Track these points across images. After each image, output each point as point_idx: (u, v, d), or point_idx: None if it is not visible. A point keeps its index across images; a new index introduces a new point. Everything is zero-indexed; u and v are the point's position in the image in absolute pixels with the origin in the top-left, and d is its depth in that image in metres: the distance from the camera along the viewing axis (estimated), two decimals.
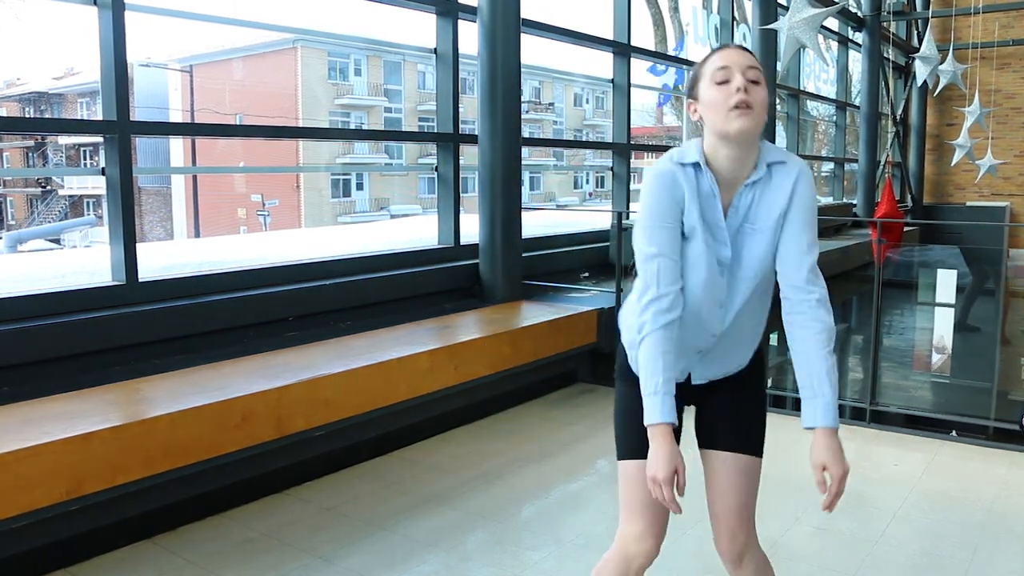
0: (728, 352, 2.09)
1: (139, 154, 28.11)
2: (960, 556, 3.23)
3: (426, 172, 30.30)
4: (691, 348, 2.05)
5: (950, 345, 9.72)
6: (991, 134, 14.82)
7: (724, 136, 1.91)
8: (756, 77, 1.91)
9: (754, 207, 1.95)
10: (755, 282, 1.98)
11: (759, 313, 2.07)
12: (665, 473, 1.91)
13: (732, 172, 1.94)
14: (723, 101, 1.89)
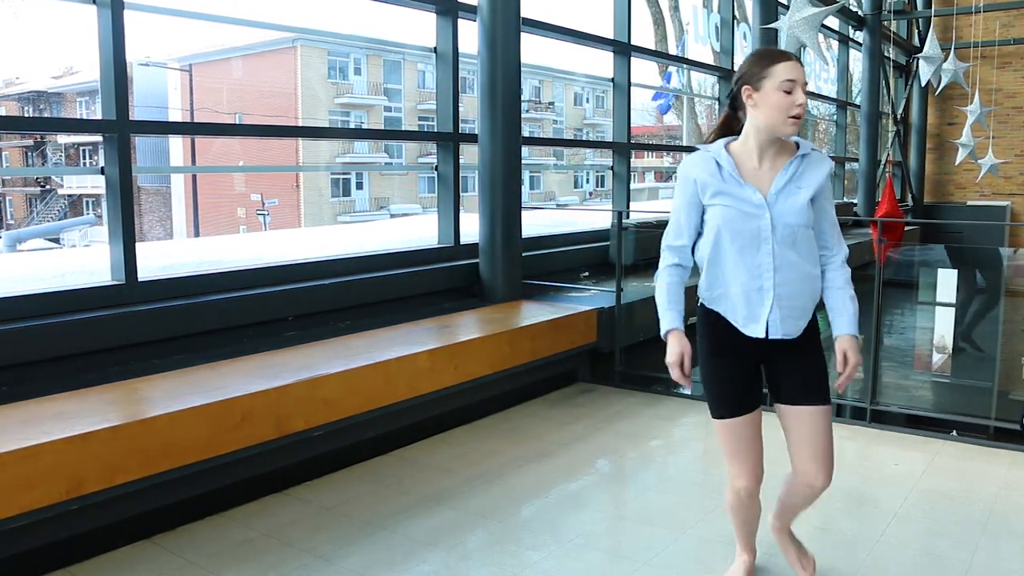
0: (794, 300, 2.52)
1: (138, 153, 28.11)
2: (961, 556, 3.22)
3: (426, 171, 30.30)
4: (754, 290, 2.51)
5: (951, 345, 9.71)
6: (992, 133, 14.82)
7: (773, 132, 2.51)
8: (806, 89, 2.53)
9: (799, 172, 2.54)
10: (797, 224, 2.49)
11: (809, 261, 2.55)
12: (673, 358, 2.60)
13: (759, 156, 2.55)
14: (786, 109, 2.47)
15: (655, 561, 3.17)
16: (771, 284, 2.49)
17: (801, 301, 2.55)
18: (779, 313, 2.52)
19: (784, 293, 2.51)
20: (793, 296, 2.52)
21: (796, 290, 2.52)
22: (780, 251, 2.48)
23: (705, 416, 5.09)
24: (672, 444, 4.77)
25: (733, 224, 2.49)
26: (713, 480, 4.11)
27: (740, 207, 2.48)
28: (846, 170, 15.49)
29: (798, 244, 2.51)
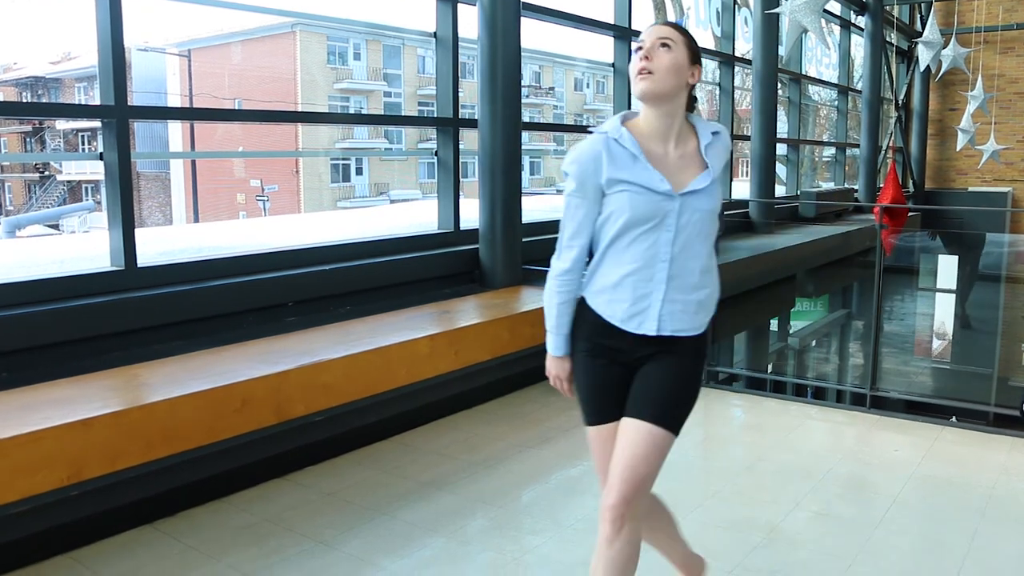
0: (688, 293, 2.24)
1: (137, 139, 28.05)
2: (959, 541, 3.23)
3: (426, 157, 30.26)
4: (648, 286, 2.22)
5: (951, 331, 9.72)
6: (994, 119, 14.78)
7: (639, 99, 2.22)
8: (666, 41, 2.18)
9: (706, 158, 2.25)
10: (706, 210, 2.21)
11: (708, 253, 2.27)
12: (552, 379, 2.46)
13: (660, 129, 2.23)
14: (633, 69, 2.20)
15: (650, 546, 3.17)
16: (664, 276, 2.20)
17: (697, 295, 2.26)
18: (672, 307, 2.22)
19: (679, 286, 2.23)
20: (688, 288, 2.24)
21: (692, 282, 2.24)
22: (680, 240, 2.20)
23: (704, 402, 5.11)
24: None
25: (636, 212, 2.17)
26: (713, 465, 4.12)
27: (646, 195, 2.17)
28: (847, 156, 15.46)
29: (700, 235, 2.23)
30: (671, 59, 2.16)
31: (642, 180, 2.17)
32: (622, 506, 2.19)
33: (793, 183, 13.00)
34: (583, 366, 2.35)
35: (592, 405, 2.35)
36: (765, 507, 3.54)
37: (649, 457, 2.21)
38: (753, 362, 7.94)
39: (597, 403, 2.34)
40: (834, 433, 4.66)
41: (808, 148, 15.45)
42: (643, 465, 2.20)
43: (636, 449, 2.20)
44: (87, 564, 3.04)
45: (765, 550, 3.15)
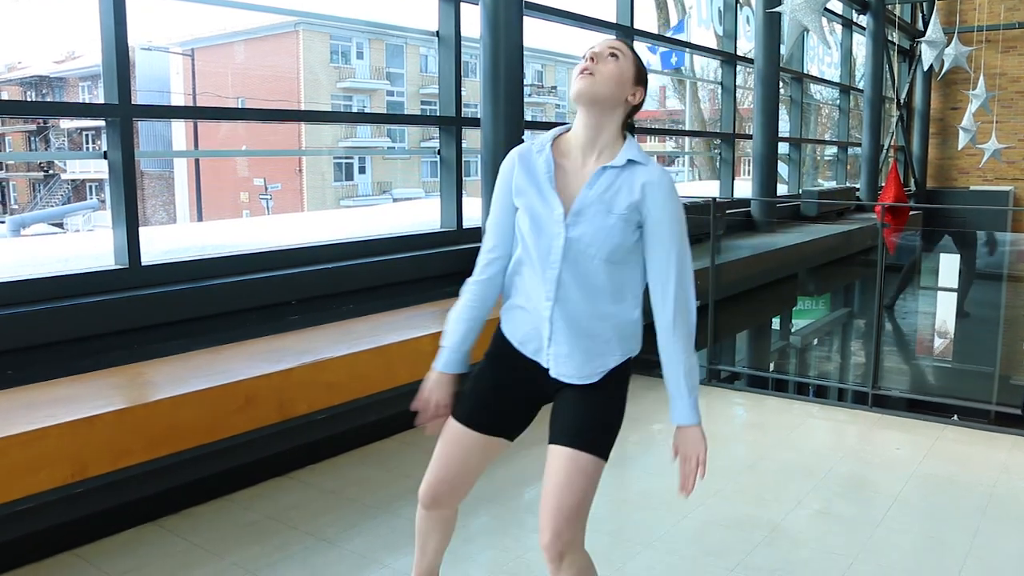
0: (579, 341, 2.08)
1: (141, 138, 28.10)
2: (961, 540, 3.24)
3: (428, 156, 30.25)
4: (536, 314, 2.10)
5: (952, 330, 9.73)
6: (995, 118, 14.77)
7: (573, 99, 2.09)
8: (616, 52, 2.08)
9: (611, 192, 2.04)
10: (596, 260, 2.03)
11: (610, 299, 2.08)
12: (416, 402, 2.32)
13: (585, 141, 2.09)
14: (576, 70, 2.09)
15: (657, 544, 3.19)
16: (548, 315, 2.06)
17: (590, 343, 2.09)
18: (558, 349, 2.09)
19: (566, 328, 2.07)
20: (579, 336, 2.08)
21: (584, 329, 2.07)
22: (568, 279, 2.04)
23: (706, 400, 5.11)
24: (674, 428, 4.78)
25: (530, 234, 2.06)
26: (715, 464, 4.12)
27: (536, 219, 2.05)
28: (849, 155, 15.45)
29: (592, 277, 2.05)
30: (616, 68, 2.07)
31: (537, 203, 2.06)
32: (557, 543, 2.02)
33: (795, 182, 13.00)
34: (482, 365, 2.25)
35: (469, 401, 2.23)
36: (767, 505, 3.56)
37: (574, 485, 2.04)
38: (755, 361, 7.95)
39: (471, 401, 2.23)
40: (836, 431, 4.66)
41: (810, 147, 15.45)
42: (569, 495, 2.03)
43: (559, 477, 2.05)
44: (91, 561, 3.05)
45: (767, 548, 3.16)
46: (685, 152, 23.16)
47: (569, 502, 2.03)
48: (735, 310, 7.58)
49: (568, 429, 2.10)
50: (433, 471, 2.28)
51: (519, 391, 2.21)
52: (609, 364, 2.13)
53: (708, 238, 5.96)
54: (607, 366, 2.13)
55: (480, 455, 2.25)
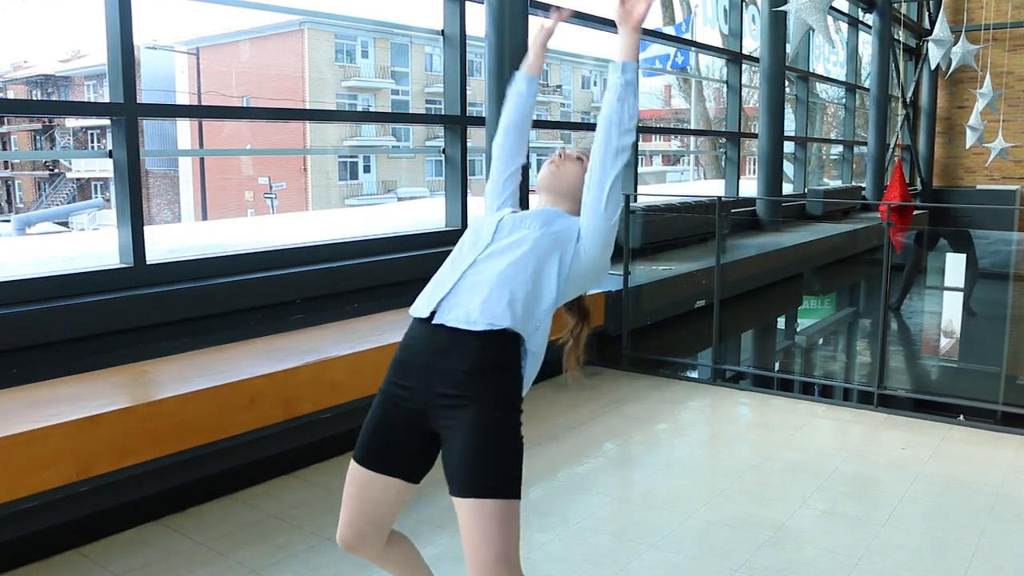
0: (479, 288, 2.04)
1: (146, 137, 28.14)
2: (967, 540, 3.23)
3: (433, 155, 30.26)
4: (444, 278, 2.15)
5: (958, 329, 9.70)
6: (1002, 117, 14.72)
7: (536, 185, 2.36)
8: (581, 157, 2.30)
9: (530, 220, 2.18)
10: (504, 262, 2.06)
11: (511, 275, 2.05)
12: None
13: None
14: (547, 161, 2.36)
15: (661, 544, 3.18)
16: (461, 273, 2.10)
17: (488, 289, 2.03)
18: (455, 298, 2.06)
19: (471, 280, 2.08)
20: (480, 284, 2.05)
21: (488, 279, 2.05)
22: (488, 252, 2.12)
23: (711, 399, 5.12)
24: (679, 428, 4.77)
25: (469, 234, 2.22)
26: (719, 464, 4.12)
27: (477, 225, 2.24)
28: (855, 154, 15.42)
29: (513, 253, 2.10)
30: (579, 170, 2.26)
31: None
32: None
33: (800, 181, 12.97)
34: (376, 401, 2.21)
35: (361, 437, 2.17)
36: (772, 505, 3.55)
37: (488, 534, 1.92)
38: (760, 360, 7.93)
39: (365, 438, 2.16)
40: (841, 431, 4.65)
41: (815, 146, 15.42)
42: (486, 547, 1.92)
43: (470, 533, 1.94)
44: (96, 560, 3.05)
45: (772, 548, 3.15)
46: (690, 151, 23.09)
47: (487, 556, 1.92)
48: (740, 309, 7.57)
49: (462, 475, 1.97)
50: (343, 516, 2.15)
51: (410, 427, 2.11)
52: (499, 322, 1.99)
53: (713, 237, 5.95)
54: (495, 322, 2.00)
55: (379, 495, 2.12)
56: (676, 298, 6.53)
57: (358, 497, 2.12)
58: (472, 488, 1.95)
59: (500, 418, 2.01)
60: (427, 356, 2.07)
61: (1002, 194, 16.54)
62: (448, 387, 2.01)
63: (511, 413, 2.04)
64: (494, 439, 1.99)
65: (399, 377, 2.14)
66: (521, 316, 2.03)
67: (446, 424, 2.02)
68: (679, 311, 6.56)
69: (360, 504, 2.12)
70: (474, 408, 1.99)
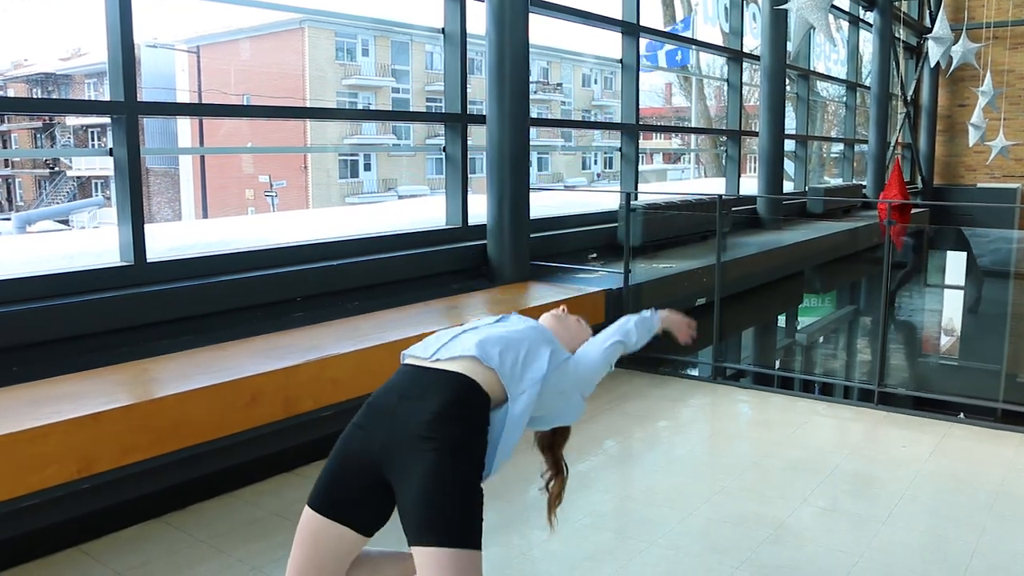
0: (459, 343, 2.15)
1: (147, 136, 28.13)
2: (967, 538, 3.23)
3: (434, 153, 30.25)
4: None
5: (959, 328, 9.70)
6: (1003, 115, 14.71)
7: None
8: (578, 320, 2.51)
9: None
10: (505, 330, 2.22)
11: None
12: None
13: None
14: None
15: (661, 541, 3.19)
16: (464, 330, 2.23)
17: (487, 336, 2.17)
18: (456, 342, 2.17)
19: (473, 333, 2.20)
20: (480, 333, 2.19)
21: (489, 333, 2.19)
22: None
23: (711, 397, 5.12)
24: (679, 425, 4.78)
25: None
26: (720, 461, 4.13)
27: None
28: (855, 152, 15.41)
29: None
30: (579, 329, 2.47)
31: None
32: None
33: (801, 179, 12.97)
34: (335, 447, 2.20)
35: (319, 482, 2.13)
36: (772, 503, 3.55)
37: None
38: (760, 358, 7.93)
39: (321, 483, 2.12)
40: (841, 429, 4.66)
41: (816, 144, 15.41)
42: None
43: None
44: (97, 557, 3.06)
45: (772, 546, 3.15)
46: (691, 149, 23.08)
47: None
48: (740, 307, 7.58)
49: (417, 521, 1.93)
50: (290, 562, 2.10)
51: (360, 469, 2.08)
52: (487, 360, 2.11)
53: (714, 235, 5.95)
54: (485, 357, 2.10)
55: (335, 544, 2.07)
56: (676, 296, 6.53)
57: (312, 544, 2.06)
58: (427, 534, 1.91)
59: (457, 467, 1.98)
60: (396, 398, 2.11)
61: (1003, 192, 16.53)
62: (412, 428, 2.01)
63: (469, 466, 2.02)
64: (451, 487, 1.95)
65: (362, 418, 2.16)
66: (509, 368, 2.12)
67: (400, 469, 1.99)
68: (680, 309, 6.55)
69: (314, 551, 2.06)
70: (432, 455, 1.96)
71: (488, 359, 2.10)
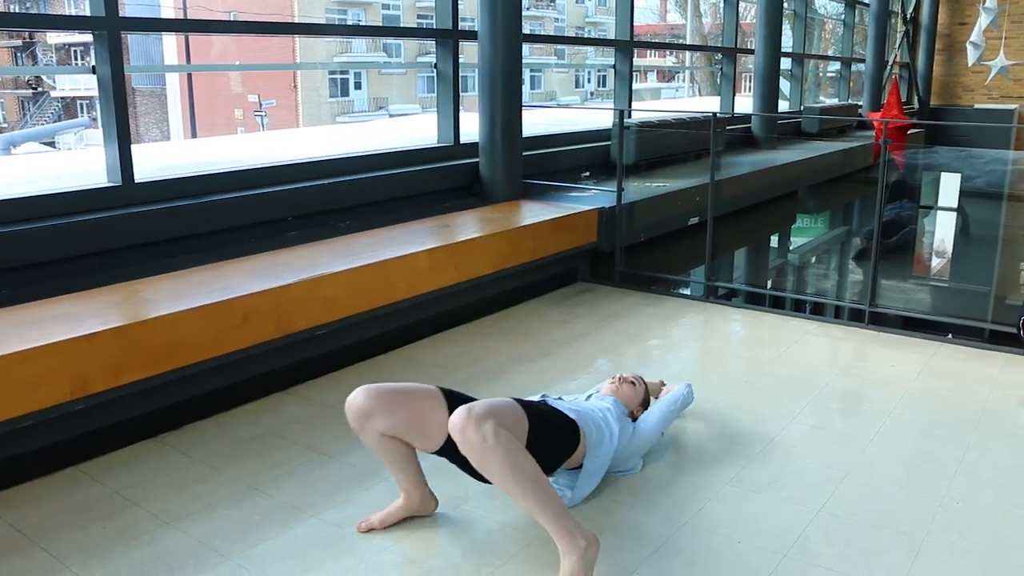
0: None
1: (133, 56, 27.57)
2: (952, 454, 3.28)
3: (425, 71, 29.76)
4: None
5: (950, 249, 9.72)
6: (1005, 33, 14.47)
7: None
8: (632, 381, 3.36)
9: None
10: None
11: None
12: None
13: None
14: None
15: (652, 457, 3.23)
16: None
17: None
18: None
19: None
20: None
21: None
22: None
23: (704, 316, 5.14)
24: (671, 343, 4.81)
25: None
26: (710, 379, 4.16)
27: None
28: (852, 71, 15.20)
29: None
30: (632, 392, 3.29)
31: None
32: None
33: (796, 99, 12.82)
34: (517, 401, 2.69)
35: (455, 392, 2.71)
36: (763, 420, 3.59)
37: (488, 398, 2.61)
38: (753, 277, 7.96)
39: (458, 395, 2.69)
40: (832, 348, 4.69)
41: (812, 63, 15.18)
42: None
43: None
44: (95, 476, 3.09)
45: (762, 462, 3.20)
46: (686, 67, 22.76)
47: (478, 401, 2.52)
48: (733, 227, 7.56)
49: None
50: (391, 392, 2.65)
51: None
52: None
53: (708, 154, 5.90)
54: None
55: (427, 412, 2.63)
56: (670, 215, 6.51)
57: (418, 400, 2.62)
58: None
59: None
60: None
61: (1000, 113, 16.38)
62: None
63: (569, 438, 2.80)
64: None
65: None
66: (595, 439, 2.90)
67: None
68: (672, 228, 6.55)
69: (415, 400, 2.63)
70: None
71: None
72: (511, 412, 2.51)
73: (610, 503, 2.89)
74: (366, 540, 2.67)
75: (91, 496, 2.95)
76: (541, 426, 2.61)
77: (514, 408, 2.55)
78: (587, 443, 2.82)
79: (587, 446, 2.82)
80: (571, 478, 2.85)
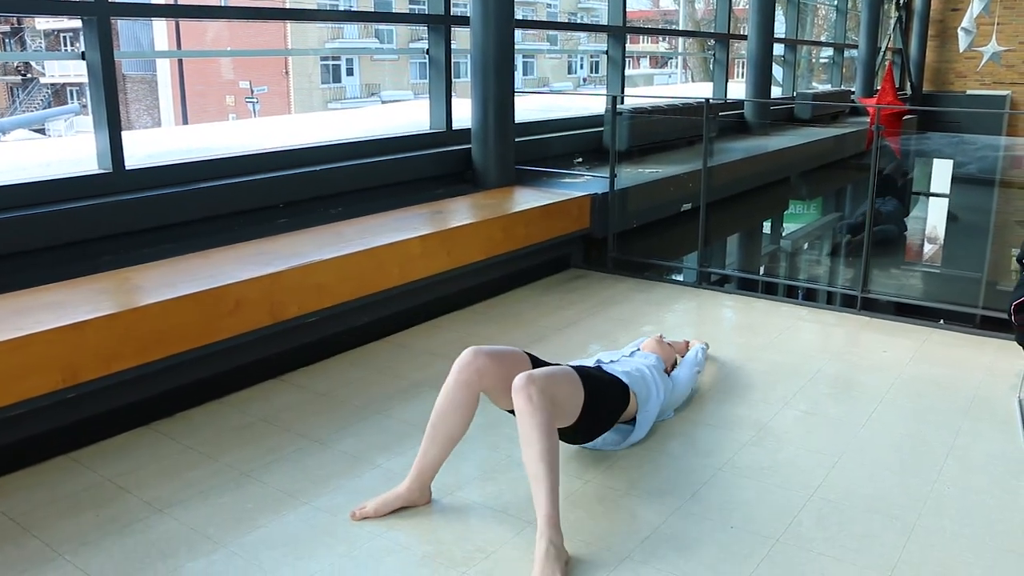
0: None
1: (123, 42, 27.38)
2: (943, 439, 3.30)
3: (417, 57, 29.64)
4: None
5: (942, 236, 9.75)
6: (997, 19, 14.47)
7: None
8: (670, 344, 3.85)
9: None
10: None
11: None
12: None
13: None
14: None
15: (644, 441, 3.24)
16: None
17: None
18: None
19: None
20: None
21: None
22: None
23: (696, 302, 5.15)
24: (663, 329, 4.80)
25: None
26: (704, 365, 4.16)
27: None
28: (845, 57, 15.19)
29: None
30: (671, 352, 3.76)
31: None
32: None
33: (789, 84, 12.81)
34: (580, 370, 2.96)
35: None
36: (754, 406, 3.60)
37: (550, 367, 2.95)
38: (745, 263, 7.97)
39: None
40: (824, 334, 4.70)
41: (805, 49, 15.16)
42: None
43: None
44: (87, 464, 3.08)
45: (754, 447, 3.21)
46: (678, 53, 22.72)
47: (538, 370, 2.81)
48: (726, 213, 7.56)
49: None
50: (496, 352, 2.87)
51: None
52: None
53: (700, 140, 5.89)
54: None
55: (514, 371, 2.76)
56: (662, 201, 6.50)
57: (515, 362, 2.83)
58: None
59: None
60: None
61: (992, 99, 16.40)
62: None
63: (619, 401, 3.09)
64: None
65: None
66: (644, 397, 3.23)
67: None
68: (665, 214, 6.54)
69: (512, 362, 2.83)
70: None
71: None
72: (568, 382, 2.75)
73: (603, 488, 2.89)
74: (359, 527, 2.68)
75: (83, 484, 2.94)
76: (597, 393, 2.87)
77: (572, 379, 2.77)
78: (637, 401, 3.14)
79: (637, 403, 3.15)
80: (618, 431, 3.17)
